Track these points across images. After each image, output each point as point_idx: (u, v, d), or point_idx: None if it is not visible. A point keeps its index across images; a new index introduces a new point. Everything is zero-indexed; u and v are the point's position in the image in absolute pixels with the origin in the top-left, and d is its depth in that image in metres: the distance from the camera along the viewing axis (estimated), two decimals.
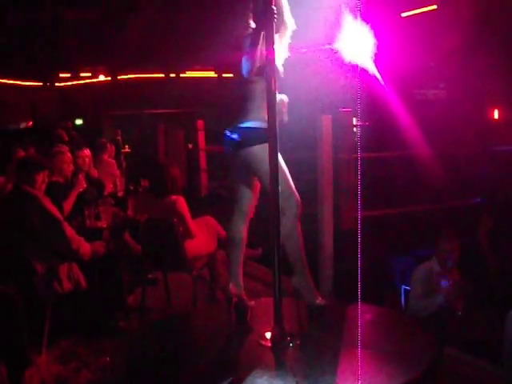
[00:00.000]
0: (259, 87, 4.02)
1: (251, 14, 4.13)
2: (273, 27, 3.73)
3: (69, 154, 7.11)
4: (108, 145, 9.98)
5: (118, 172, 9.56)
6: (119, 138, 13.37)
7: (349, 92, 4.00)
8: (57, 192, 6.30)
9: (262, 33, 3.82)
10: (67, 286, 5.24)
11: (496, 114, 19.70)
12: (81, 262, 5.42)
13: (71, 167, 7.06)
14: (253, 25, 4.10)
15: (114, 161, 9.91)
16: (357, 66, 3.82)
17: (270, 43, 3.74)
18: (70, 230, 5.33)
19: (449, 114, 18.42)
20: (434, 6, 14.57)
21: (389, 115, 10.10)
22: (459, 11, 15.50)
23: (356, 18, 3.89)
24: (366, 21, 3.86)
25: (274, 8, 3.76)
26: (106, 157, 9.54)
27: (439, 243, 5.66)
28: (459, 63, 17.81)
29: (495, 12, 14.63)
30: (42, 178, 5.39)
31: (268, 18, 3.72)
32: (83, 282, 5.39)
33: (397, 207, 8.74)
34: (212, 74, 22.66)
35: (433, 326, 5.14)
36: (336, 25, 3.85)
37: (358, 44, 3.87)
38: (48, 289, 5.13)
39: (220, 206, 10.08)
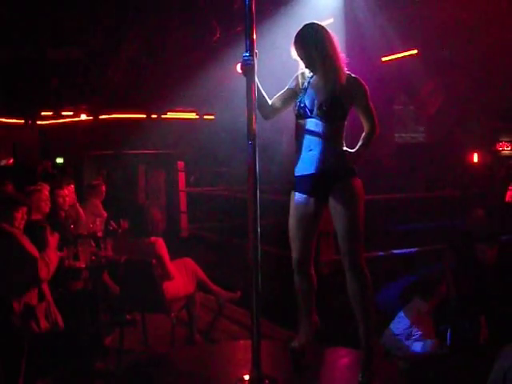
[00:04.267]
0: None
1: None
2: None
3: (46, 192, 7.03)
4: (103, 187, 9.68)
5: (105, 214, 9.25)
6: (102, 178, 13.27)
7: None
8: (37, 231, 6.25)
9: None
10: (44, 325, 5.17)
11: (475, 158, 19.92)
12: (58, 302, 5.38)
13: (49, 205, 7.00)
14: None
15: (100, 203, 9.72)
16: None
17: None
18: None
19: (427, 157, 18.64)
20: (415, 51, 14.75)
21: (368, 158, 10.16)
22: (439, 55, 15.74)
23: None
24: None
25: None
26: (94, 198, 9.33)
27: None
28: (438, 107, 18.05)
29: (474, 56, 14.87)
30: (20, 215, 5.34)
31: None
32: (60, 322, 5.33)
33: (375, 250, 8.76)
34: (193, 115, 22.71)
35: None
36: None
37: None
38: (25, 327, 5.07)
39: (199, 247, 10.08)
